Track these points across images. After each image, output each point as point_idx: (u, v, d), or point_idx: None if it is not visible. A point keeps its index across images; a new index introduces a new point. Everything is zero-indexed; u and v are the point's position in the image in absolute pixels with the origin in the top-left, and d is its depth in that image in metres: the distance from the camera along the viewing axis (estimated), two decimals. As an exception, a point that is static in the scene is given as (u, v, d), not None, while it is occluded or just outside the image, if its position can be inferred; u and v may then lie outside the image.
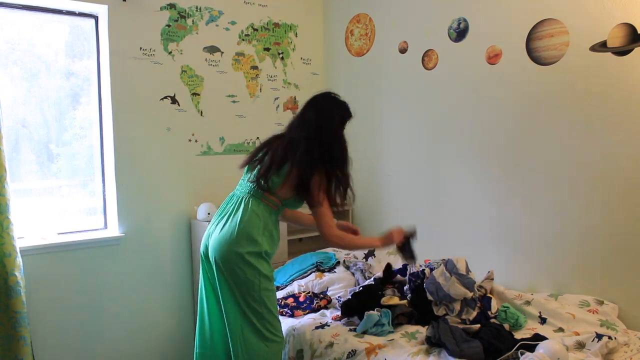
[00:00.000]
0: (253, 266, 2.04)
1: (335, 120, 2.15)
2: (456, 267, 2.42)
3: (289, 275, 3.05)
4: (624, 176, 2.27)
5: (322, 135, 2.09)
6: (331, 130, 2.12)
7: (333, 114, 2.15)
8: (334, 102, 2.20)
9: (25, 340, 2.46)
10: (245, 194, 2.14)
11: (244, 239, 2.04)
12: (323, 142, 2.08)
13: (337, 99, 2.22)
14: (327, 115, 2.14)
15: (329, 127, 2.12)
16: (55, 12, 2.83)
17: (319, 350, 2.29)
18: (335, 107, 2.19)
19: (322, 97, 2.21)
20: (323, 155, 2.07)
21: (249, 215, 2.07)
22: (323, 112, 2.14)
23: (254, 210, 2.08)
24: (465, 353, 1.96)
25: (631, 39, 2.20)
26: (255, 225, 2.06)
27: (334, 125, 2.14)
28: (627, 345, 2.04)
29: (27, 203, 2.81)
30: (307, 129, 2.11)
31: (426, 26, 3.07)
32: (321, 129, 2.10)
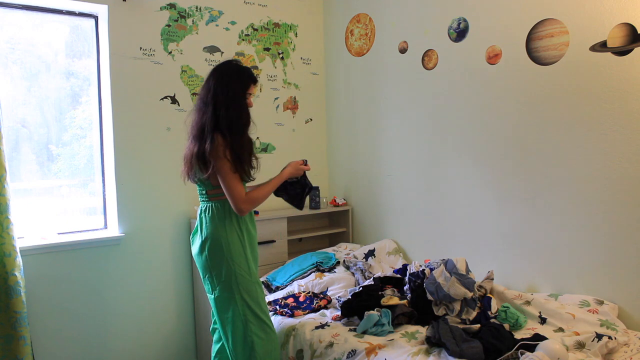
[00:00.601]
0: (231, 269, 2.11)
1: (232, 87, 2.10)
2: (456, 267, 2.43)
3: (289, 275, 3.05)
4: (624, 176, 2.27)
5: (218, 103, 2.07)
6: (228, 96, 2.08)
7: (230, 80, 2.11)
8: (233, 69, 2.15)
9: (25, 340, 2.46)
10: (201, 202, 2.21)
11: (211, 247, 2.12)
12: (219, 109, 2.06)
13: (237, 65, 2.18)
14: (225, 82, 2.10)
15: (226, 94, 2.08)
16: (55, 12, 2.83)
17: (319, 350, 2.29)
18: (233, 73, 2.14)
19: (221, 66, 2.17)
20: (219, 122, 2.05)
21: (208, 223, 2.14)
22: (221, 80, 2.10)
23: (209, 215, 2.15)
24: (465, 353, 1.96)
25: (631, 39, 2.19)
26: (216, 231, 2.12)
27: (232, 91, 2.10)
28: (627, 345, 2.04)
29: (27, 203, 2.81)
30: (204, 99, 2.10)
31: (426, 26, 3.07)
32: (217, 96, 2.08)
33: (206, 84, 2.15)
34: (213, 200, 2.15)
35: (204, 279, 2.19)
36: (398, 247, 3.32)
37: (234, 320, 2.12)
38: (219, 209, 2.14)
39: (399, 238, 3.37)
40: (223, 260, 2.10)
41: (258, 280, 2.21)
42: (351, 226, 3.67)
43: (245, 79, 2.15)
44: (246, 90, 2.15)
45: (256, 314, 2.13)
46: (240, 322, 2.11)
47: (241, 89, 2.13)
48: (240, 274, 2.11)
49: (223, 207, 2.14)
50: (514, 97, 2.66)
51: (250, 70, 2.20)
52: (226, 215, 2.14)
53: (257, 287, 2.19)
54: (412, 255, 3.27)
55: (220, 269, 2.11)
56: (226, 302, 2.12)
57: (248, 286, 2.13)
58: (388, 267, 3.13)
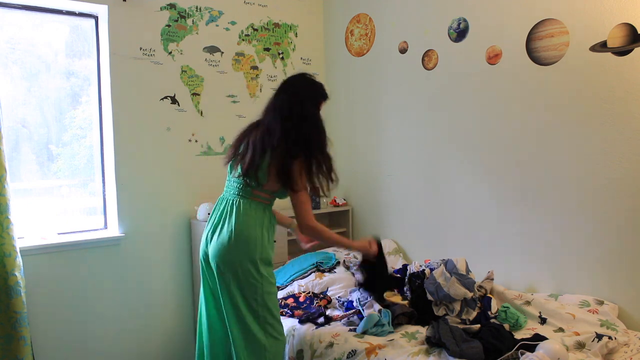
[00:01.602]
0: (255, 269, 2.03)
1: (308, 102, 2.07)
2: (456, 267, 2.43)
3: (289, 275, 3.05)
4: (624, 176, 2.27)
5: (296, 119, 2.02)
6: (305, 112, 2.04)
7: (306, 96, 2.08)
8: (307, 83, 2.12)
9: (25, 340, 2.46)
10: (234, 197, 2.11)
11: (241, 243, 2.03)
12: (298, 125, 2.01)
13: (311, 79, 2.14)
14: (300, 97, 2.06)
15: (303, 110, 2.04)
16: (55, 12, 2.83)
17: (319, 351, 2.29)
18: (308, 88, 2.11)
19: (295, 80, 2.13)
20: (299, 139, 2.00)
21: (244, 218, 2.05)
22: (296, 95, 2.06)
23: (246, 212, 2.06)
24: (465, 353, 1.96)
25: (631, 39, 2.19)
26: (252, 228, 2.04)
27: (308, 107, 2.06)
28: (627, 345, 2.04)
29: (27, 203, 2.81)
30: (280, 113, 2.04)
31: (426, 26, 3.07)
32: (295, 112, 2.02)
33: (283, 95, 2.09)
34: (254, 200, 2.08)
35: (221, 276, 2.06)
36: (398, 247, 3.32)
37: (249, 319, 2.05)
38: (257, 209, 2.07)
39: (399, 238, 3.37)
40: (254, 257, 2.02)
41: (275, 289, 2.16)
42: (351, 226, 3.67)
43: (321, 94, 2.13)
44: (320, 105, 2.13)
45: (274, 315, 2.09)
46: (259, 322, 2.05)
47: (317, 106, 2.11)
48: (266, 275, 2.06)
49: (262, 209, 2.09)
50: (514, 97, 2.66)
51: (322, 85, 2.17)
52: (265, 217, 2.08)
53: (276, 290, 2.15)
54: (412, 255, 3.27)
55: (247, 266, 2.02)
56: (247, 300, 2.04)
57: (270, 288, 2.08)
58: (388, 267, 3.13)
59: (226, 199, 2.15)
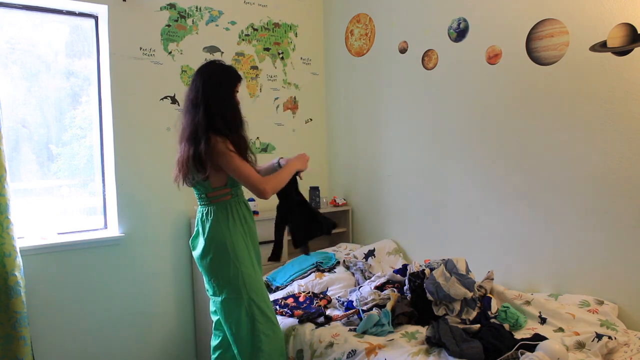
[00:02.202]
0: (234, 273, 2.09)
1: (222, 86, 2.10)
2: (456, 267, 2.42)
3: (289, 275, 3.05)
4: (624, 176, 2.27)
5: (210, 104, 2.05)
6: (220, 97, 2.08)
7: (220, 80, 2.10)
8: (219, 69, 2.15)
9: (25, 340, 2.46)
10: (199, 206, 2.20)
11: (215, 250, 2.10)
12: (211, 110, 2.05)
13: (222, 64, 2.17)
14: (214, 82, 2.09)
15: (217, 94, 2.08)
16: (55, 12, 2.83)
17: (319, 350, 2.29)
18: (221, 73, 2.13)
19: (206, 67, 2.16)
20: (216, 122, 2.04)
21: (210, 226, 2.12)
22: (209, 80, 2.08)
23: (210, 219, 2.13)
24: (465, 353, 1.96)
25: (631, 39, 2.19)
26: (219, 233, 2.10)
27: (222, 91, 2.10)
28: (627, 345, 2.04)
29: (27, 203, 2.81)
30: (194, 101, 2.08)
31: (426, 26, 3.07)
32: (208, 97, 2.06)
33: (193, 85, 2.12)
34: (214, 202, 2.14)
35: (209, 282, 2.17)
36: (398, 247, 3.32)
37: (241, 321, 2.10)
38: (222, 211, 2.13)
39: (399, 238, 3.37)
40: (230, 262, 2.09)
41: (262, 279, 2.22)
42: (351, 226, 3.67)
43: (232, 77, 2.15)
44: (234, 87, 2.15)
45: (264, 312, 2.13)
46: (249, 322, 2.10)
47: (230, 87, 2.13)
48: (247, 274, 2.10)
49: (225, 209, 2.13)
50: (514, 97, 2.66)
51: (234, 69, 2.19)
52: (229, 217, 2.12)
53: (263, 286, 2.19)
54: (412, 255, 3.27)
55: (227, 271, 2.09)
56: (233, 303, 2.10)
57: (255, 285, 2.12)
58: (388, 267, 3.13)
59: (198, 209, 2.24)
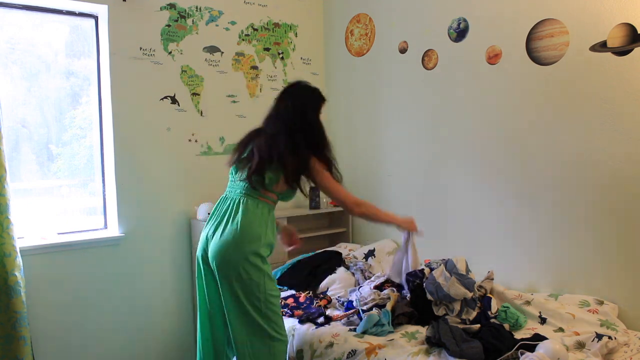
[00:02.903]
0: (257, 268, 2.06)
1: (309, 108, 2.18)
2: (456, 267, 2.42)
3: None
4: (624, 176, 2.27)
5: (300, 124, 2.13)
6: (307, 117, 2.16)
7: (306, 101, 2.19)
8: (306, 90, 2.24)
9: (25, 340, 2.46)
10: (239, 195, 2.15)
11: (247, 241, 2.06)
12: (303, 130, 2.12)
13: (309, 86, 2.25)
14: (301, 103, 2.17)
15: (305, 115, 2.15)
16: (55, 12, 2.83)
17: (319, 350, 2.29)
18: (307, 94, 2.22)
19: (294, 87, 2.25)
20: (306, 142, 2.12)
21: (251, 216, 2.09)
22: (297, 101, 2.17)
23: (253, 210, 2.10)
24: (465, 353, 1.96)
25: (631, 39, 2.19)
26: (258, 225, 2.09)
27: (309, 112, 2.18)
28: (627, 345, 2.04)
29: (27, 203, 2.81)
30: (284, 120, 2.14)
31: (426, 26, 3.07)
32: (298, 118, 2.14)
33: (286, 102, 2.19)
34: (261, 200, 2.14)
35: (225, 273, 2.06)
36: (398, 247, 3.32)
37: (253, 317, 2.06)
38: (262, 209, 2.13)
39: (399, 238, 3.35)
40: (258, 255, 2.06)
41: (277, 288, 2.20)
42: (351, 226, 3.67)
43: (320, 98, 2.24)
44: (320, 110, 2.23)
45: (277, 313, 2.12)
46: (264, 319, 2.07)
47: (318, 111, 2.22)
48: (268, 274, 2.10)
49: (269, 211, 2.16)
50: (514, 97, 2.66)
51: (319, 90, 2.27)
52: (269, 218, 2.15)
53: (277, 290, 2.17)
54: (412, 255, 3.26)
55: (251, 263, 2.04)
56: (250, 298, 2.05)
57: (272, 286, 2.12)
58: (388, 267, 3.13)
59: (230, 198, 2.18)
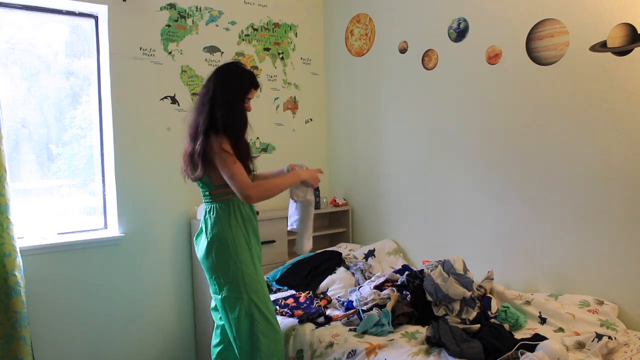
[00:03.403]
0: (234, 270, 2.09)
1: (231, 89, 2.10)
2: (453, 267, 2.42)
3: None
4: (624, 176, 2.27)
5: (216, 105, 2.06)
6: (226, 99, 2.08)
7: (230, 83, 2.11)
8: (234, 71, 2.15)
9: (25, 340, 2.46)
10: (204, 203, 2.20)
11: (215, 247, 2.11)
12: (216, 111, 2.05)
13: (239, 67, 2.17)
14: (224, 84, 2.10)
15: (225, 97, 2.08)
16: (55, 12, 2.83)
17: (319, 350, 2.29)
18: (234, 76, 2.13)
19: (222, 67, 2.17)
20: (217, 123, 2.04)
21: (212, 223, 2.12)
22: (221, 82, 2.10)
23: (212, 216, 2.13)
24: (465, 353, 1.96)
25: (631, 39, 2.19)
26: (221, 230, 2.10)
27: (230, 94, 2.09)
28: (627, 345, 2.04)
29: (27, 203, 2.81)
30: (203, 99, 2.10)
31: (426, 26, 3.07)
32: (216, 98, 2.07)
33: (206, 84, 2.14)
34: (217, 200, 2.13)
35: (211, 280, 2.17)
36: (398, 247, 3.32)
37: (240, 320, 2.10)
38: (224, 209, 2.12)
39: (399, 238, 3.37)
40: (230, 261, 2.09)
41: (263, 279, 2.21)
42: (351, 226, 3.67)
43: (245, 82, 2.14)
44: (245, 94, 2.14)
45: (263, 313, 2.12)
46: (248, 321, 2.10)
47: (240, 92, 2.13)
48: (247, 274, 2.10)
49: (227, 207, 2.13)
50: (514, 97, 2.66)
51: (252, 74, 2.18)
52: (231, 215, 2.12)
53: (264, 287, 2.18)
54: (412, 255, 3.27)
55: (227, 270, 2.10)
56: (233, 302, 2.10)
57: (255, 285, 2.12)
58: (388, 267, 3.13)
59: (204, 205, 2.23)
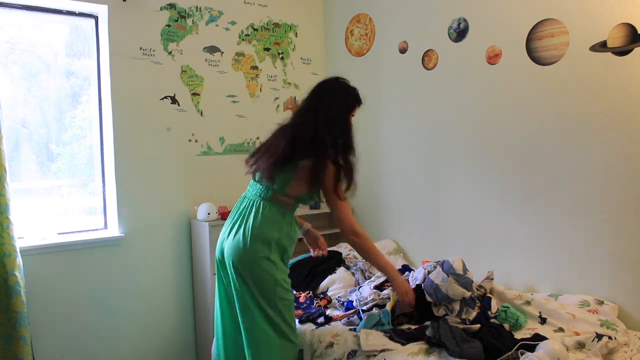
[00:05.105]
0: (268, 273, 1.99)
1: (341, 108, 2.04)
2: (453, 268, 2.41)
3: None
4: (624, 176, 2.26)
5: (328, 124, 1.98)
6: (337, 118, 2.01)
7: (339, 101, 2.05)
8: (341, 88, 2.10)
9: (25, 340, 2.46)
10: (255, 197, 2.07)
11: (257, 245, 1.99)
12: (330, 131, 1.97)
13: (345, 84, 2.11)
14: (333, 102, 2.03)
15: (335, 115, 2.01)
16: (55, 12, 2.83)
17: (319, 351, 2.28)
18: (341, 93, 2.08)
19: (328, 83, 2.10)
20: (330, 144, 1.97)
21: (260, 220, 2.01)
22: (329, 100, 2.03)
23: (265, 214, 2.02)
24: (465, 353, 1.95)
25: (631, 39, 2.19)
26: (269, 230, 2.00)
27: (340, 112, 2.04)
28: (627, 345, 2.04)
29: (27, 203, 2.81)
30: (312, 118, 2.00)
31: (426, 26, 3.07)
32: (327, 117, 1.99)
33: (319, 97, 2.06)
34: (276, 203, 2.03)
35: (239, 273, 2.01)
36: (398, 247, 3.32)
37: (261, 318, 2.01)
38: (279, 214, 2.03)
39: (399, 238, 3.37)
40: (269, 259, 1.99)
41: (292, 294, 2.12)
42: (351, 226, 3.66)
43: (352, 100, 2.09)
44: (351, 112, 2.11)
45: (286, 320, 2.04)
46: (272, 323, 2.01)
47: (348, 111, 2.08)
48: (280, 280, 2.01)
49: (284, 215, 2.04)
50: (514, 97, 2.66)
51: (357, 91, 2.13)
52: (284, 222, 2.04)
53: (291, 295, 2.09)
54: (412, 255, 3.27)
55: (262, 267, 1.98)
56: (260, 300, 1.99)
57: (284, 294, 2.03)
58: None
59: (248, 198, 2.11)
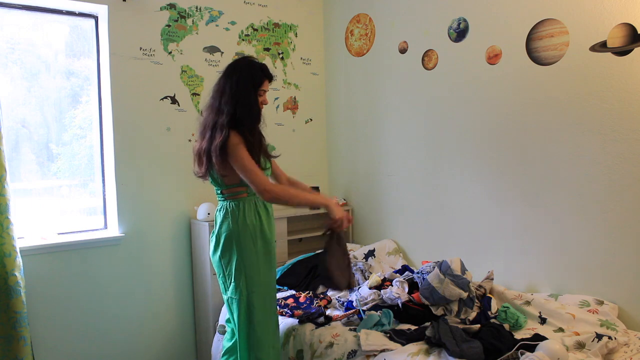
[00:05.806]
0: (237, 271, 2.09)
1: (242, 82, 2.07)
2: (450, 268, 2.41)
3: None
4: (624, 176, 2.26)
5: (227, 99, 2.05)
6: (237, 92, 2.06)
7: (241, 76, 2.08)
8: (246, 65, 2.12)
9: (25, 340, 2.46)
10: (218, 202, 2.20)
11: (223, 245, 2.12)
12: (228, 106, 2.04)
13: (250, 60, 2.14)
14: (235, 78, 2.07)
15: (235, 90, 2.06)
16: (55, 12, 2.83)
17: (319, 351, 2.29)
18: (244, 69, 2.10)
19: (234, 62, 2.16)
20: (229, 118, 2.03)
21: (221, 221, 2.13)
22: (231, 76, 2.09)
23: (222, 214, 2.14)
24: (465, 353, 1.96)
25: (631, 39, 2.19)
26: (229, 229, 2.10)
27: (241, 87, 2.07)
28: (627, 345, 2.04)
29: (27, 203, 2.81)
30: (215, 95, 2.10)
31: (426, 26, 3.07)
32: (226, 92, 2.06)
33: (219, 80, 2.13)
34: (228, 199, 2.13)
35: (218, 277, 2.18)
36: (398, 247, 3.32)
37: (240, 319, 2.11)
38: (234, 209, 2.11)
39: (399, 238, 3.37)
40: (234, 259, 2.09)
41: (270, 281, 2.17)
42: (351, 226, 3.67)
43: (257, 74, 2.11)
44: (258, 86, 2.11)
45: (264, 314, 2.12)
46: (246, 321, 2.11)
47: (252, 85, 2.09)
48: (249, 275, 2.08)
49: (237, 207, 2.11)
50: (514, 97, 2.66)
51: (263, 66, 2.15)
52: (239, 215, 2.09)
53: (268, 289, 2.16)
54: (412, 255, 3.27)
55: (231, 268, 2.10)
56: (236, 301, 2.11)
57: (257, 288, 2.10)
58: (388, 267, 3.13)
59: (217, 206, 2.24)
